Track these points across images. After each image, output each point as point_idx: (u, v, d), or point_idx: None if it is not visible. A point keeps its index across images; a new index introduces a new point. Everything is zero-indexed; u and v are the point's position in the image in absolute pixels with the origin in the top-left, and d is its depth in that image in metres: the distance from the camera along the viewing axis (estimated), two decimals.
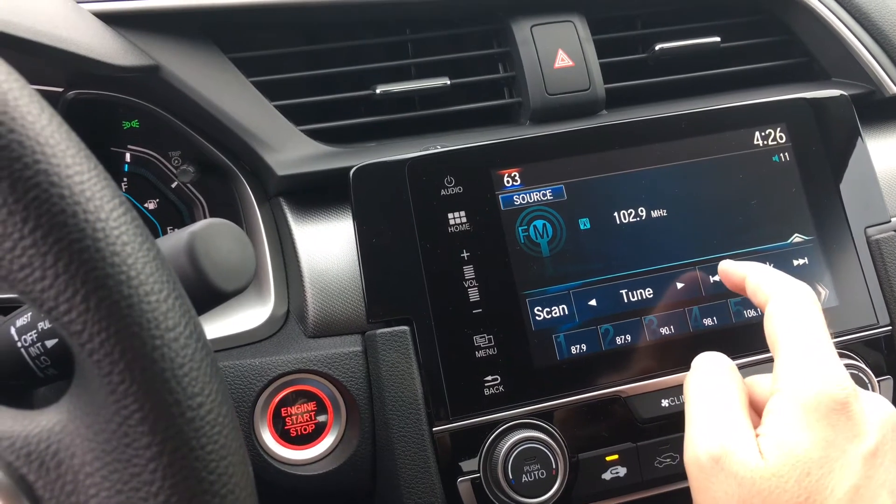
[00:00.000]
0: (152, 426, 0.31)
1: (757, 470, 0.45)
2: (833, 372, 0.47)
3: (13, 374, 0.49)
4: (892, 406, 0.48)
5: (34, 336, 0.48)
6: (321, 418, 0.66)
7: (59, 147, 0.31)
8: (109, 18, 0.69)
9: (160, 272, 0.32)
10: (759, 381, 0.53)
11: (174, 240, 0.45)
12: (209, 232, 0.45)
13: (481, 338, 0.65)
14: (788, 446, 0.45)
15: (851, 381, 0.48)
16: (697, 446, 0.48)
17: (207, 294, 0.45)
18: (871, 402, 0.48)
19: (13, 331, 0.49)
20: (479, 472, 0.64)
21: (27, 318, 0.49)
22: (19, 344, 0.49)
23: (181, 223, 0.78)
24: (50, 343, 0.48)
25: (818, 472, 0.44)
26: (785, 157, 0.73)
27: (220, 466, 0.32)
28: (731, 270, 0.59)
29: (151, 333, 0.31)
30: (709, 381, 0.51)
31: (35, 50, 0.61)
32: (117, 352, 0.30)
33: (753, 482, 0.45)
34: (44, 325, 0.48)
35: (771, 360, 0.68)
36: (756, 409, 0.51)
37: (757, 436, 0.47)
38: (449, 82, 0.76)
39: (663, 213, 0.70)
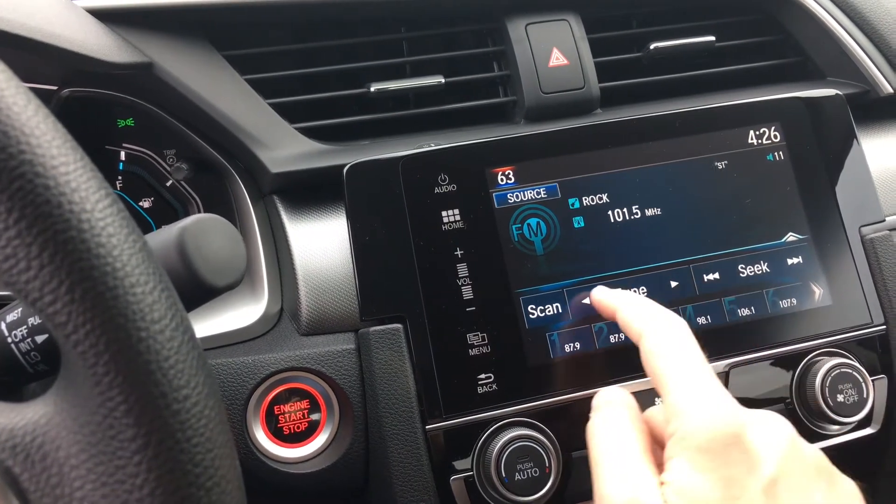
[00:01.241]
0: (137, 418, 0.30)
1: None
2: (719, 407, 0.46)
3: (3, 369, 0.49)
4: (788, 426, 0.47)
5: (24, 331, 0.48)
6: (314, 416, 0.66)
7: (44, 138, 0.31)
8: (103, 15, 0.69)
9: (146, 264, 0.32)
10: (655, 415, 0.52)
11: (165, 235, 0.45)
12: (200, 227, 0.45)
13: (475, 336, 0.65)
14: (688, 492, 0.44)
15: (740, 411, 0.47)
16: (612, 492, 0.46)
17: (198, 289, 0.45)
18: (765, 426, 0.47)
19: (3, 326, 0.49)
20: (472, 471, 0.64)
21: (17, 313, 0.49)
22: (9, 339, 0.48)
23: (176, 221, 0.78)
24: (40, 338, 0.48)
25: None
26: (779, 155, 0.73)
27: (205, 459, 0.32)
28: (603, 300, 0.58)
29: (137, 325, 0.31)
30: (609, 430, 0.50)
31: (29, 47, 0.61)
32: (102, 343, 0.30)
33: None
34: (34, 320, 0.48)
35: (767, 359, 0.69)
36: (659, 443, 0.50)
37: (661, 483, 0.45)
38: (443, 81, 0.76)
39: (657, 211, 0.70)
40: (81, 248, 0.30)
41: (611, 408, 0.52)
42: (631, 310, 0.55)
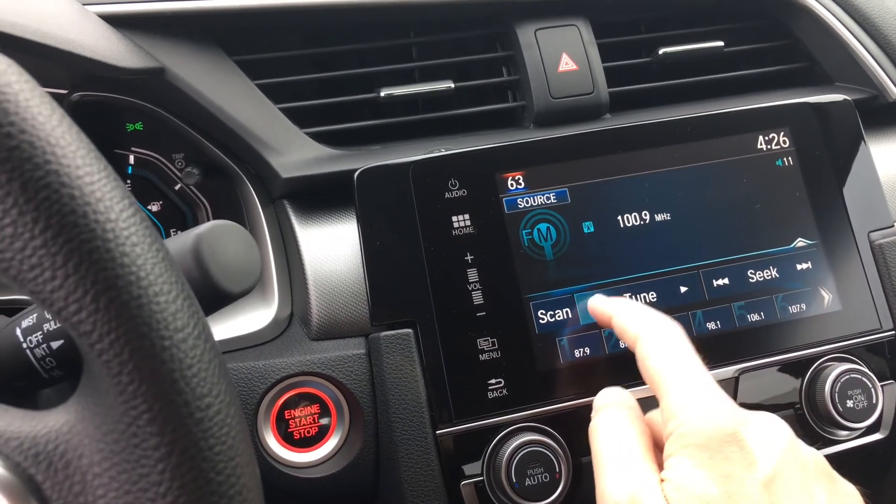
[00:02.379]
0: (161, 427, 0.31)
1: None
2: (716, 405, 0.47)
3: (18, 375, 0.50)
4: (784, 425, 0.48)
5: (39, 337, 0.48)
6: (324, 421, 0.66)
7: (69, 148, 0.31)
8: (115, 21, 0.69)
9: (169, 273, 0.32)
10: (656, 417, 0.53)
11: (180, 241, 0.45)
12: (215, 233, 0.45)
13: (485, 341, 0.65)
14: (688, 488, 0.44)
15: (737, 409, 0.47)
16: (612, 491, 0.47)
17: (213, 295, 0.45)
18: (763, 425, 0.47)
19: (19, 332, 0.49)
20: (482, 476, 0.64)
21: (33, 319, 0.49)
22: (25, 345, 0.49)
23: (184, 226, 0.78)
24: (55, 344, 0.48)
25: None
26: (788, 161, 0.73)
27: (228, 467, 0.32)
28: (599, 307, 0.59)
29: (160, 334, 0.31)
30: (610, 430, 0.51)
31: (41, 52, 0.61)
32: (126, 352, 0.30)
33: None
34: (49, 326, 0.48)
35: (776, 364, 0.69)
36: (659, 445, 0.51)
37: (662, 481, 0.46)
38: (453, 85, 0.76)
39: (667, 216, 0.70)
40: (106, 257, 0.30)
41: (612, 408, 0.53)
42: (626, 316, 0.55)
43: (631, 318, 0.55)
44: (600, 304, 0.59)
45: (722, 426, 0.45)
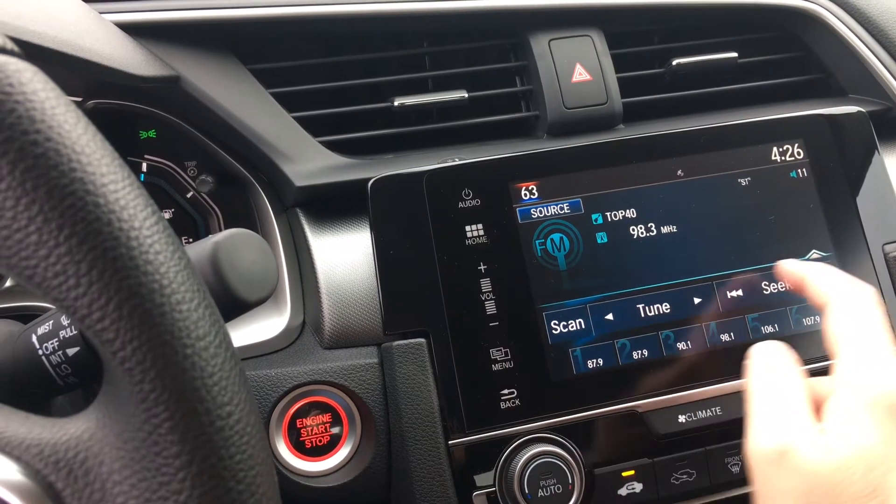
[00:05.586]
0: (182, 435, 0.31)
1: (822, 464, 0.44)
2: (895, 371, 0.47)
3: (34, 382, 0.49)
4: None
5: (55, 344, 0.48)
6: (336, 430, 0.66)
7: (94, 156, 0.31)
8: (132, 29, 0.69)
9: (191, 281, 0.32)
10: (816, 382, 0.52)
11: (198, 249, 0.45)
12: (233, 242, 0.46)
13: (498, 351, 0.65)
14: (853, 441, 0.44)
15: None
16: (761, 440, 0.47)
17: (230, 303, 0.45)
18: None
19: (34, 339, 0.49)
20: (494, 487, 0.64)
21: (49, 326, 0.49)
22: (41, 352, 0.49)
23: (196, 234, 0.78)
24: (71, 351, 0.48)
25: (882, 468, 0.43)
26: (802, 172, 0.73)
27: (247, 476, 0.32)
28: (790, 270, 0.58)
29: (182, 342, 0.31)
30: (772, 371, 0.50)
31: (59, 59, 0.61)
32: (149, 360, 0.30)
33: (818, 476, 0.44)
34: (65, 333, 0.48)
35: None
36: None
37: (821, 431, 0.46)
38: (466, 95, 0.77)
39: (680, 227, 0.70)
40: (130, 265, 0.30)
41: (773, 356, 0.51)
42: (819, 278, 0.54)
43: (825, 280, 0.54)
44: (791, 267, 0.58)
45: None
